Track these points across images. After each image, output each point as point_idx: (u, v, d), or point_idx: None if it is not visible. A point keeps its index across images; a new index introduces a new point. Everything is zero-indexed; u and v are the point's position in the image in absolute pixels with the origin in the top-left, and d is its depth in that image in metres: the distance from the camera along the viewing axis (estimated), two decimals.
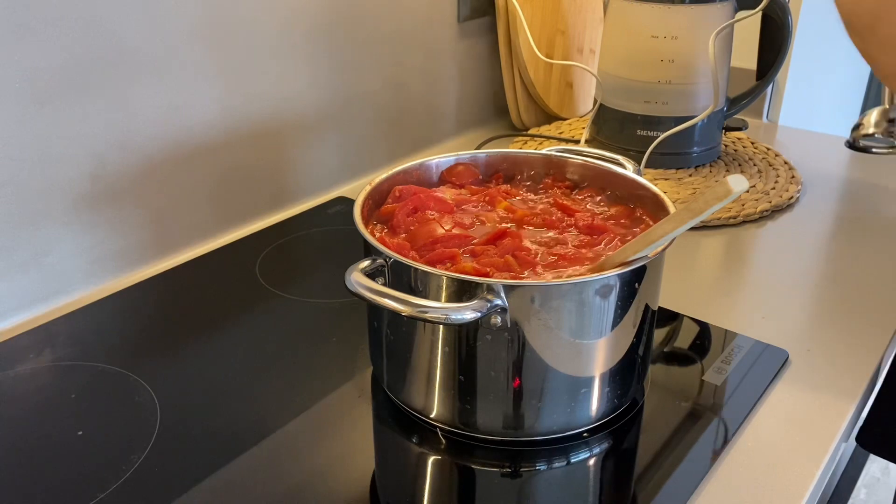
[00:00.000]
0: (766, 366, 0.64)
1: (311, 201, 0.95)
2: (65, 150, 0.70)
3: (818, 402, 0.61)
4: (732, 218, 0.88)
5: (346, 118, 0.96)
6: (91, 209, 0.73)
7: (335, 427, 0.58)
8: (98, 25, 0.70)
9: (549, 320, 0.50)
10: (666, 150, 0.97)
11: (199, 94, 0.79)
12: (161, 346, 0.67)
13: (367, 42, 0.95)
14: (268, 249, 0.83)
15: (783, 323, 0.71)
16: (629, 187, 0.63)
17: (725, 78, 0.98)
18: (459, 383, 0.53)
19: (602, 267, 0.52)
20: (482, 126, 1.18)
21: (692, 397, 0.61)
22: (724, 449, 0.56)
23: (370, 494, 0.52)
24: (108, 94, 0.72)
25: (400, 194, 0.62)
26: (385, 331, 0.56)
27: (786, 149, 1.08)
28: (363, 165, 1.01)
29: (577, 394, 0.54)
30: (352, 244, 0.57)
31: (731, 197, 0.44)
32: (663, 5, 0.91)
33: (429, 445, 0.56)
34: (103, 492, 0.51)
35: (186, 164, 0.80)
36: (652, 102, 0.95)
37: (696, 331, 0.69)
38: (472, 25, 1.10)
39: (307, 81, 0.90)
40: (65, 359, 0.65)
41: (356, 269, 0.49)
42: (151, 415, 0.58)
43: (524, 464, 0.54)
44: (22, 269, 0.70)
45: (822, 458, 0.55)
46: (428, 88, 1.07)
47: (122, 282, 0.77)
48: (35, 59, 0.66)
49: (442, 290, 0.50)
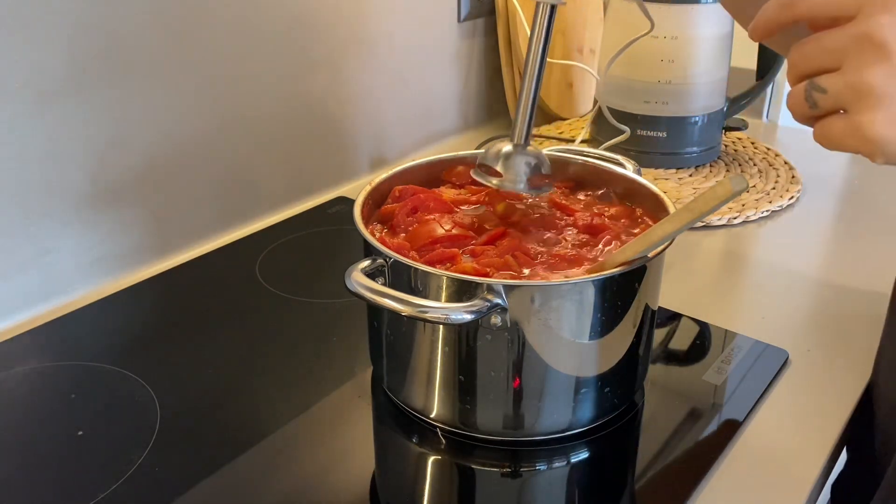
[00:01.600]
0: (766, 366, 0.64)
1: (311, 201, 0.94)
2: (65, 150, 0.70)
3: (818, 402, 0.61)
4: (732, 218, 0.88)
5: (346, 118, 0.96)
6: (91, 209, 0.73)
7: (335, 427, 0.58)
8: (98, 25, 0.69)
9: (549, 320, 0.50)
10: (666, 150, 0.97)
11: (199, 93, 0.79)
12: (161, 346, 0.67)
13: (367, 41, 0.95)
14: (268, 249, 0.83)
15: (783, 323, 0.71)
16: (629, 187, 0.63)
17: (725, 76, 0.98)
18: (459, 383, 0.53)
19: (602, 267, 0.52)
20: (482, 126, 1.18)
21: (692, 397, 0.61)
22: (724, 449, 0.55)
23: (370, 494, 0.52)
24: (108, 94, 0.72)
25: (400, 194, 0.62)
26: (385, 331, 0.56)
27: (786, 149, 1.08)
28: (363, 165, 1.01)
29: (577, 394, 0.54)
30: (352, 244, 0.57)
31: (730, 197, 0.44)
32: (663, 5, 0.91)
33: (429, 445, 0.56)
34: (103, 492, 0.51)
35: (186, 164, 0.80)
36: (652, 102, 0.95)
37: (696, 331, 0.69)
38: (472, 25, 1.10)
39: (307, 81, 0.90)
40: (65, 359, 0.65)
41: (356, 269, 0.49)
42: (151, 415, 0.58)
43: (524, 464, 0.54)
44: (22, 269, 0.70)
45: (822, 458, 0.55)
46: (428, 88, 1.07)
47: (122, 282, 0.77)
48: (35, 59, 0.66)
49: (442, 290, 0.50)
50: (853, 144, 0.36)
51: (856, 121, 0.35)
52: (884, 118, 0.34)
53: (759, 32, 0.41)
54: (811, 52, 0.37)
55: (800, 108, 0.38)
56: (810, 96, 0.37)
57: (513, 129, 0.58)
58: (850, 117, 0.36)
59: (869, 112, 0.34)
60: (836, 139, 0.37)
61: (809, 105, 0.37)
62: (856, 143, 0.35)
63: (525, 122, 0.57)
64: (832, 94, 0.36)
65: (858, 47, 0.34)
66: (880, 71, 0.34)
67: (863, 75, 0.34)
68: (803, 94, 0.37)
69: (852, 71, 0.35)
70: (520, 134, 0.58)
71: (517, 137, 0.58)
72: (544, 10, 0.55)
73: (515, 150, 0.58)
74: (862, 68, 0.34)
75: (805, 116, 0.38)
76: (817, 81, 0.36)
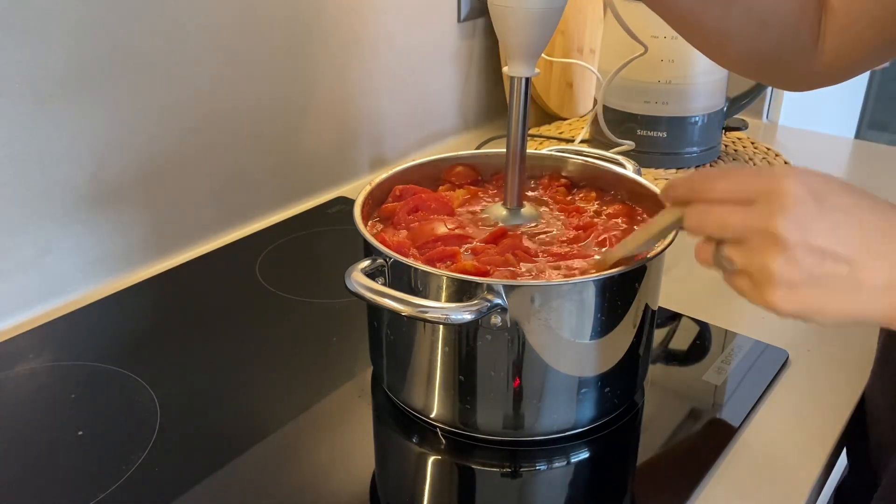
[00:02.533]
0: (766, 366, 0.64)
1: (311, 201, 0.94)
2: (65, 150, 0.70)
3: (818, 402, 0.61)
4: None
5: (347, 118, 0.96)
6: (91, 209, 0.73)
7: (335, 427, 0.58)
8: (98, 25, 0.69)
9: (550, 320, 0.50)
10: (666, 150, 0.97)
11: (199, 93, 0.79)
12: (161, 346, 0.67)
13: (367, 42, 0.95)
14: (268, 249, 0.83)
15: (783, 323, 0.70)
16: (629, 187, 0.63)
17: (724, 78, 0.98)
18: (459, 383, 0.53)
19: (602, 263, 0.52)
20: (482, 126, 1.18)
21: (692, 397, 0.61)
22: (725, 449, 0.55)
23: (370, 494, 0.52)
24: (108, 94, 0.72)
25: (401, 193, 0.62)
26: (385, 331, 0.56)
27: (786, 149, 1.08)
28: (363, 165, 1.01)
29: (577, 394, 0.54)
30: (352, 244, 0.57)
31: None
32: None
33: (429, 445, 0.56)
34: (103, 492, 0.51)
35: (186, 164, 0.80)
36: (652, 102, 0.95)
37: (696, 331, 0.69)
38: (472, 25, 1.10)
39: (307, 81, 0.90)
40: (65, 359, 0.65)
41: (356, 269, 0.49)
42: (151, 415, 0.58)
43: (524, 464, 0.54)
44: (22, 269, 0.70)
45: (822, 458, 0.55)
46: (428, 89, 1.07)
47: (122, 282, 0.77)
48: (35, 59, 0.66)
49: (442, 289, 0.50)
50: (759, 303, 0.41)
51: (759, 290, 0.40)
52: (783, 295, 0.39)
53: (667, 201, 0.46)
54: (714, 223, 0.42)
55: (708, 264, 0.44)
56: (718, 259, 0.42)
57: (505, 194, 0.60)
58: (755, 284, 0.40)
59: (770, 288, 0.39)
60: (744, 294, 0.42)
61: (717, 266, 0.43)
62: (761, 302, 0.41)
63: (515, 185, 0.59)
64: (738, 266, 0.41)
65: (761, 237, 0.39)
66: (780, 258, 0.38)
67: (765, 261, 0.39)
68: (711, 253, 0.43)
69: (756, 254, 0.39)
70: (511, 198, 0.60)
71: (509, 202, 0.60)
72: (519, 82, 0.56)
73: (511, 214, 0.60)
74: (765, 255, 0.39)
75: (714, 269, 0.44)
76: (725, 253, 0.41)
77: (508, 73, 0.56)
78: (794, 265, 0.39)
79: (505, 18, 0.53)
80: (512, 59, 0.55)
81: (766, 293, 0.40)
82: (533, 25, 0.53)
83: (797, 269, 0.39)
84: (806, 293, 0.39)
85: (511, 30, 0.54)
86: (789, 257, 0.38)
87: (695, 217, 0.43)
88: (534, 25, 0.53)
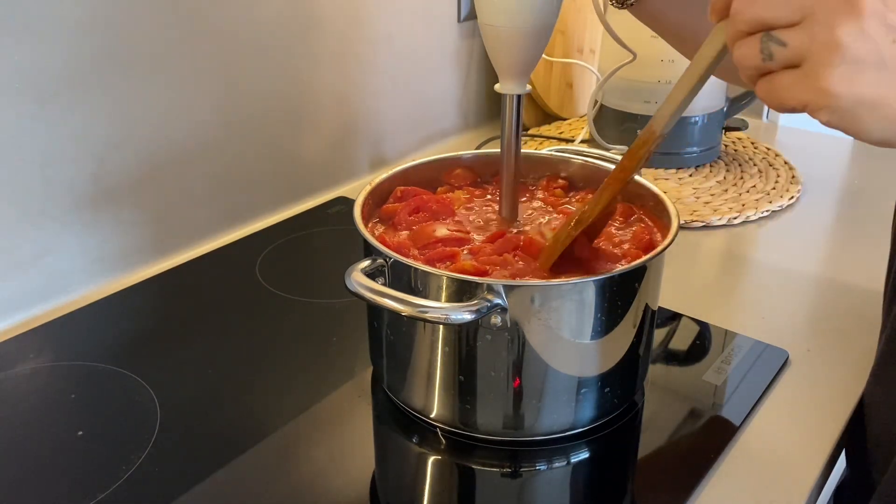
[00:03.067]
0: (766, 366, 0.64)
1: (311, 201, 0.94)
2: (65, 150, 0.70)
3: (818, 402, 0.61)
4: (732, 218, 0.88)
5: (347, 118, 0.96)
6: (91, 209, 0.73)
7: (335, 427, 0.58)
8: (98, 25, 0.69)
9: (550, 320, 0.50)
10: (666, 150, 0.97)
11: (199, 93, 0.79)
12: (161, 346, 0.67)
13: (367, 42, 0.95)
14: (268, 249, 0.83)
15: (783, 323, 0.71)
16: (629, 187, 0.63)
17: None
18: (459, 383, 0.53)
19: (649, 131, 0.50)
20: (482, 126, 1.18)
21: (692, 397, 0.61)
22: (724, 449, 0.55)
23: (370, 494, 0.52)
24: (108, 94, 0.72)
25: (402, 194, 0.62)
26: (385, 331, 0.56)
27: (786, 149, 1.08)
28: (363, 165, 1.01)
29: (577, 394, 0.54)
30: (352, 244, 0.57)
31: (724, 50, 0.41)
32: None
33: (429, 445, 0.56)
34: (103, 492, 0.51)
35: (186, 164, 0.80)
36: (652, 102, 0.95)
37: (696, 331, 0.69)
38: (472, 25, 1.10)
39: (307, 81, 0.90)
40: (65, 359, 0.65)
41: (356, 269, 0.49)
42: (151, 415, 0.58)
43: (524, 464, 0.54)
44: (22, 269, 0.70)
45: (822, 458, 0.55)
46: (428, 89, 1.07)
47: (122, 282, 0.77)
48: (35, 59, 0.66)
49: (442, 289, 0.50)
50: (802, 97, 0.35)
51: (812, 73, 0.34)
52: (841, 74, 0.34)
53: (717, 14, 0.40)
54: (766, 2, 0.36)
55: (751, 61, 0.37)
56: (767, 48, 0.36)
57: (500, 206, 0.61)
58: (806, 69, 0.35)
59: (829, 67, 0.34)
60: (784, 92, 0.36)
61: (764, 58, 0.36)
62: (806, 95, 0.35)
63: (509, 199, 0.60)
64: (793, 48, 0.35)
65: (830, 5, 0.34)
66: (851, 29, 0.33)
67: (833, 32, 0.34)
68: (758, 45, 0.36)
69: (821, 27, 0.34)
70: (507, 211, 0.61)
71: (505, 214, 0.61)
72: (511, 98, 0.56)
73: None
74: (833, 25, 0.34)
75: (756, 70, 0.37)
76: (777, 35, 0.35)
77: (500, 90, 0.56)
78: (865, 39, 0.33)
79: (495, 37, 0.54)
80: (503, 76, 0.56)
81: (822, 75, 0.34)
82: (523, 44, 0.54)
83: (867, 44, 0.33)
84: (869, 77, 0.34)
85: (501, 48, 0.54)
86: (862, 29, 0.33)
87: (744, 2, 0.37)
88: (524, 44, 0.54)
